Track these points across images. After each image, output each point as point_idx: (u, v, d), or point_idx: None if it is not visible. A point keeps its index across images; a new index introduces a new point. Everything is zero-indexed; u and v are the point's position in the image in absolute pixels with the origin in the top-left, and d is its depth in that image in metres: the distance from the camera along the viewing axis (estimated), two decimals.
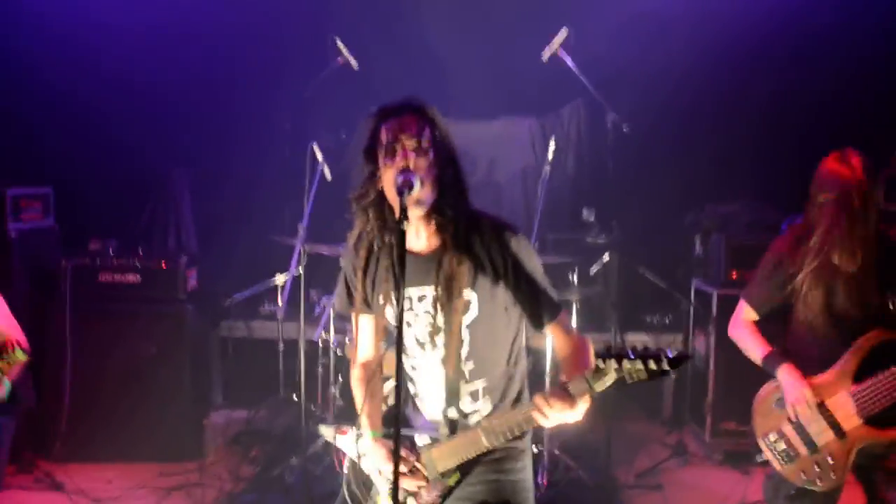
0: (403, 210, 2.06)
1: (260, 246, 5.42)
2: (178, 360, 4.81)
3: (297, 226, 4.53)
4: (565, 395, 2.04)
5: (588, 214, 5.71)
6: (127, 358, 4.73)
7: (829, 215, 2.80)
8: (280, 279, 4.99)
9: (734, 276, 4.96)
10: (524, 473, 2.36)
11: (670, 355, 1.91)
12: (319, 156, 4.63)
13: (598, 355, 1.98)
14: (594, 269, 5.11)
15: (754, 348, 2.95)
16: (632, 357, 1.93)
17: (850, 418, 2.75)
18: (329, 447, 4.13)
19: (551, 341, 2.38)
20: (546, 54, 4.81)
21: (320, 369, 4.80)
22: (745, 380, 3.14)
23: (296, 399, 4.82)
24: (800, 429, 2.82)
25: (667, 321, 5.81)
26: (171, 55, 5.82)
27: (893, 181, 4.71)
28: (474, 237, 2.24)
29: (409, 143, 2.15)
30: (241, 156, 6.04)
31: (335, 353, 4.61)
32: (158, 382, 4.75)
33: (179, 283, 4.87)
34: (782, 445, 2.86)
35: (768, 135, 5.93)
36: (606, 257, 5.07)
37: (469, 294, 2.24)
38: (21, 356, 2.67)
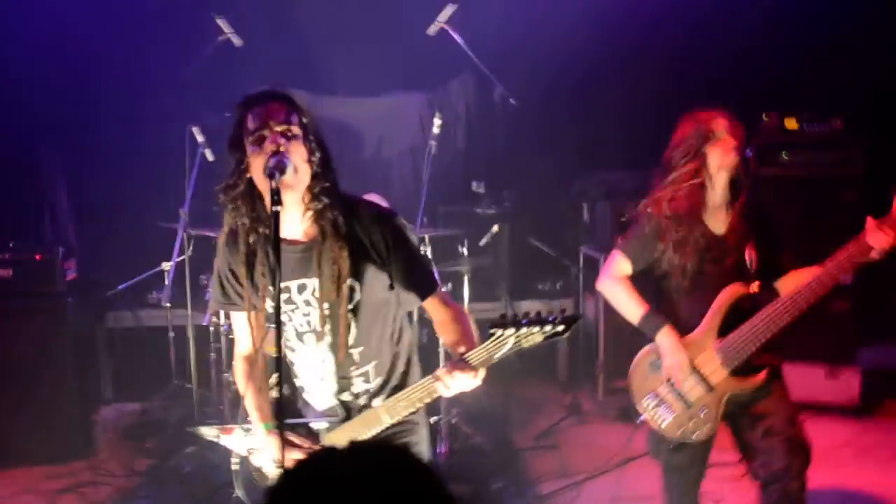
0: (276, 192, 2.03)
1: (143, 232, 5.23)
2: (61, 356, 4.59)
3: (179, 210, 4.40)
4: (466, 365, 2.09)
5: (478, 186, 5.76)
6: (4, 357, 4.49)
7: (692, 175, 2.90)
8: (167, 265, 4.84)
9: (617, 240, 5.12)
10: (420, 447, 2.40)
11: (560, 317, 2.02)
12: (200, 137, 4.50)
13: (495, 325, 2.03)
14: (484, 240, 5.18)
15: (630, 304, 2.96)
16: (525, 323, 2.01)
17: (717, 372, 2.88)
18: None
19: (433, 315, 2.40)
20: (433, 29, 4.81)
21: (213, 354, 4.70)
22: (633, 339, 3.26)
23: (189, 386, 4.70)
24: (673, 389, 2.93)
25: (558, 287, 5.96)
26: (44, 37, 5.49)
27: (765, 146, 4.96)
28: (352, 222, 2.23)
29: (278, 129, 2.12)
30: (119, 139, 5.77)
31: (227, 337, 4.52)
32: (40, 381, 4.52)
33: (57, 276, 4.64)
34: (659, 406, 2.96)
35: (652, 104, 6.11)
36: (496, 228, 5.15)
37: (352, 281, 2.23)
38: None
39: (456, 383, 2.11)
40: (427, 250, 4.30)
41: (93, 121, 5.73)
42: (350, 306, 2.25)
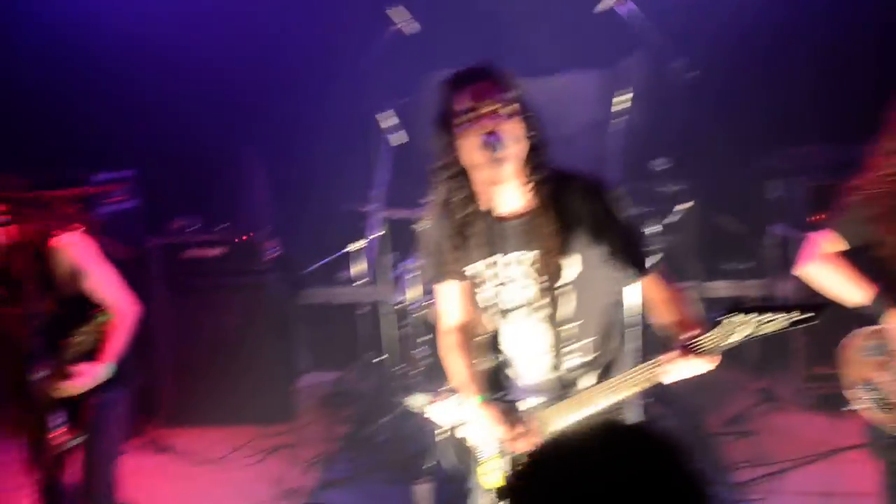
0: (493, 174, 2.06)
1: (333, 214, 5.51)
2: (265, 328, 4.96)
3: (369, 194, 4.59)
4: (693, 352, 2.01)
5: (659, 164, 5.63)
6: (218, 328, 4.91)
7: None
8: (357, 246, 5.09)
9: (816, 220, 4.85)
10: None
11: (809, 303, 1.92)
12: (384, 125, 4.66)
13: (731, 309, 1.95)
14: (669, 220, 5.05)
15: (852, 284, 2.67)
16: (770, 308, 1.92)
17: None
18: None
19: (648, 293, 2.31)
20: (601, 7, 4.72)
21: (403, 331, 4.89)
22: (835, 323, 3.04)
23: (379, 360, 4.93)
24: None
25: (747, 268, 5.71)
26: (232, 38, 5.89)
27: None
28: (568, 195, 2.22)
29: (490, 108, 2.13)
30: (310, 127, 6.11)
31: (416, 315, 4.69)
32: (249, 350, 4.90)
33: (260, 254, 5.00)
34: (876, 394, 2.75)
35: (844, 73, 5.74)
36: (681, 206, 5.00)
37: (569, 253, 2.22)
38: (105, 316, 2.79)
39: (681, 371, 2.04)
40: None
41: (287, 111, 6.09)
42: (568, 279, 2.24)
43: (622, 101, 4.44)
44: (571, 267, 2.24)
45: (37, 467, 3.12)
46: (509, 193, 2.24)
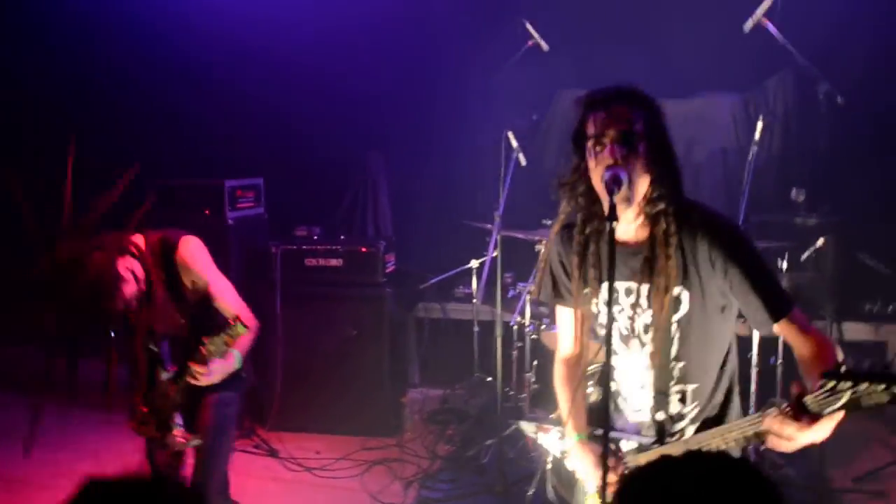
0: (613, 207, 1.97)
1: (453, 230, 5.53)
2: (378, 340, 5.00)
3: (493, 213, 4.56)
4: (800, 413, 1.77)
5: (797, 194, 5.28)
6: (331, 337, 4.98)
7: None
8: (475, 263, 5.06)
9: None
10: None
11: None
12: (514, 143, 4.62)
13: (828, 375, 1.70)
14: (806, 254, 4.74)
15: None
16: (872, 377, 1.64)
17: None
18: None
19: (787, 339, 2.13)
20: (749, 25, 4.50)
21: (515, 352, 4.82)
22: None
23: (490, 380, 4.88)
24: None
25: (890, 310, 5.29)
26: (362, 45, 6.03)
27: None
28: (686, 230, 2.10)
29: (618, 137, 2.05)
30: (434, 141, 6.18)
31: (531, 337, 4.62)
32: (360, 361, 4.96)
33: (379, 267, 5.05)
34: None
35: None
36: (821, 241, 4.68)
37: (679, 290, 2.11)
38: (242, 329, 2.84)
39: (787, 432, 1.79)
40: None
41: (414, 123, 6.18)
42: (675, 317, 2.13)
43: (761, 124, 4.20)
44: (681, 305, 2.13)
45: (153, 464, 3.27)
46: (625, 220, 2.14)
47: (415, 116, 6.20)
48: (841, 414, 1.74)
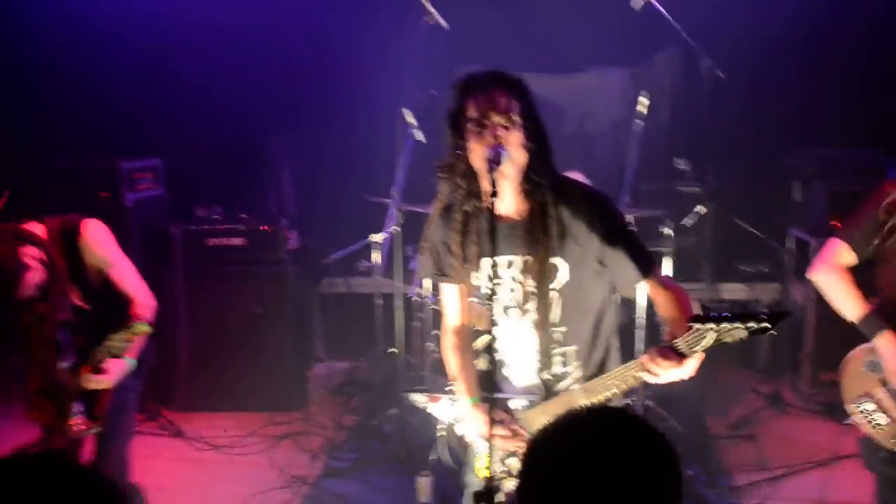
0: (493, 184, 2.12)
1: (355, 205, 5.59)
2: (283, 317, 5.07)
3: (391, 189, 4.65)
4: (670, 353, 2.04)
5: (682, 163, 5.60)
6: (236, 316, 5.02)
7: None
8: (376, 237, 5.16)
9: (835, 225, 4.80)
10: None
11: (768, 312, 1.90)
12: (410, 119, 4.72)
13: (694, 319, 1.97)
14: (688, 221, 5.04)
15: (848, 301, 2.76)
16: (728, 317, 1.92)
17: None
18: None
19: (652, 295, 2.39)
20: (638, 3, 4.71)
21: (417, 323, 4.96)
22: (845, 331, 2.98)
23: (393, 351, 5.02)
24: (893, 394, 2.73)
25: (764, 270, 5.68)
26: (262, 26, 5.98)
27: None
28: (562, 204, 2.27)
29: (499, 119, 2.19)
30: (335, 117, 6.19)
31: (430, 308, 4.76)
32: (265, 338, 5.03)
33: (281, 245, 5.10)
34: (873, 409, 2.77)
35: (871, 76, 5.64)
36: (701, 209, 4.98)
37: (558, 260, 2.28)
38: (144, 328, 2.88)
39: (660, 371, 2.07)
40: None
41: (311, 102, 6.18)
42: (554, 285, 2.30)
43: (645, 100, 4.44)
44: (559, 273, 2.29)
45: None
46: (508, 196, 2.30)
47: (315, 93, 6.20)
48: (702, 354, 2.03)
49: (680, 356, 2.03)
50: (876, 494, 2.90)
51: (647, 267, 2.31)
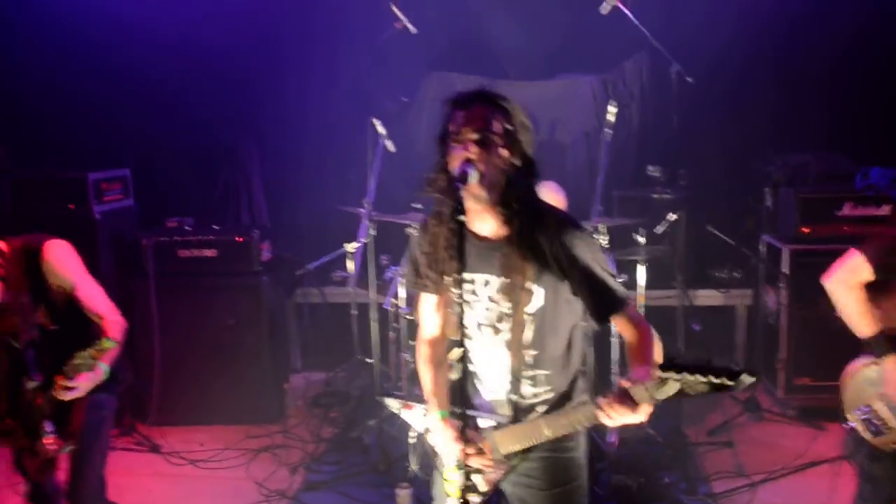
0: (459, 200, 2.12)
1: (329, 215, 5.56)
2: (257, 328, 5.01)
3: (363, 200, 4.63)
4: (627, 399, 2.04)
5: (653, 170, 5.64)
6: (209, 328, 4.95)
7: None
8: (350, 247, 5.12)
9: (805, 231, 4.88)
10: (577, 451, 2.43)
11: (735, 369, 1.86)
12: (381, 129, 4.70)
13: (661, 367, 1.95)
14: (660, 229, 5.07)
15: (861, 319, 2.82)
16: (693, 370, 1.89)
17: None
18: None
19: (620, 331, 2.39)
20: (605, 8, 4.74)
21: (392, 334, 4.94)
22: (818, 335, 3.06)
23: (370, 361, 4.98)
24: (892, 408, 2.80)
25: (736, 276, 5.74)
26: (232, 32, 5.91)
27: None
28: (539, 231, 2.27)
29: (473, 136, 2.19)
30: (306, 126, 6.15)
31: (405, 318, 4.74)
32: (240, 350, 4.97)
33: (254, 256, 5.04)
34: (873, 419, 2.84)
35: (839, 82, 5.74)
36: (672, 216, 5.02)
37: (534, 286, 2.29)
38: (110, 345, 2.84)
39: (616, 415, 2.07)
40: (604, 239, 4.30)
41: (283, 112, 6.13)
42: (528, 309, 2.31)
43: (613, 108, 4.47)
44: (535, 298, 2.30)
45: (24, 472, 3.19)
46: (483, 217, 2.30)
47: (286, 102, 6.15)
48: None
49: (634, 403, 2.03)
50: (855, 491, 2.97)
51: (618, 305, 2.31)
